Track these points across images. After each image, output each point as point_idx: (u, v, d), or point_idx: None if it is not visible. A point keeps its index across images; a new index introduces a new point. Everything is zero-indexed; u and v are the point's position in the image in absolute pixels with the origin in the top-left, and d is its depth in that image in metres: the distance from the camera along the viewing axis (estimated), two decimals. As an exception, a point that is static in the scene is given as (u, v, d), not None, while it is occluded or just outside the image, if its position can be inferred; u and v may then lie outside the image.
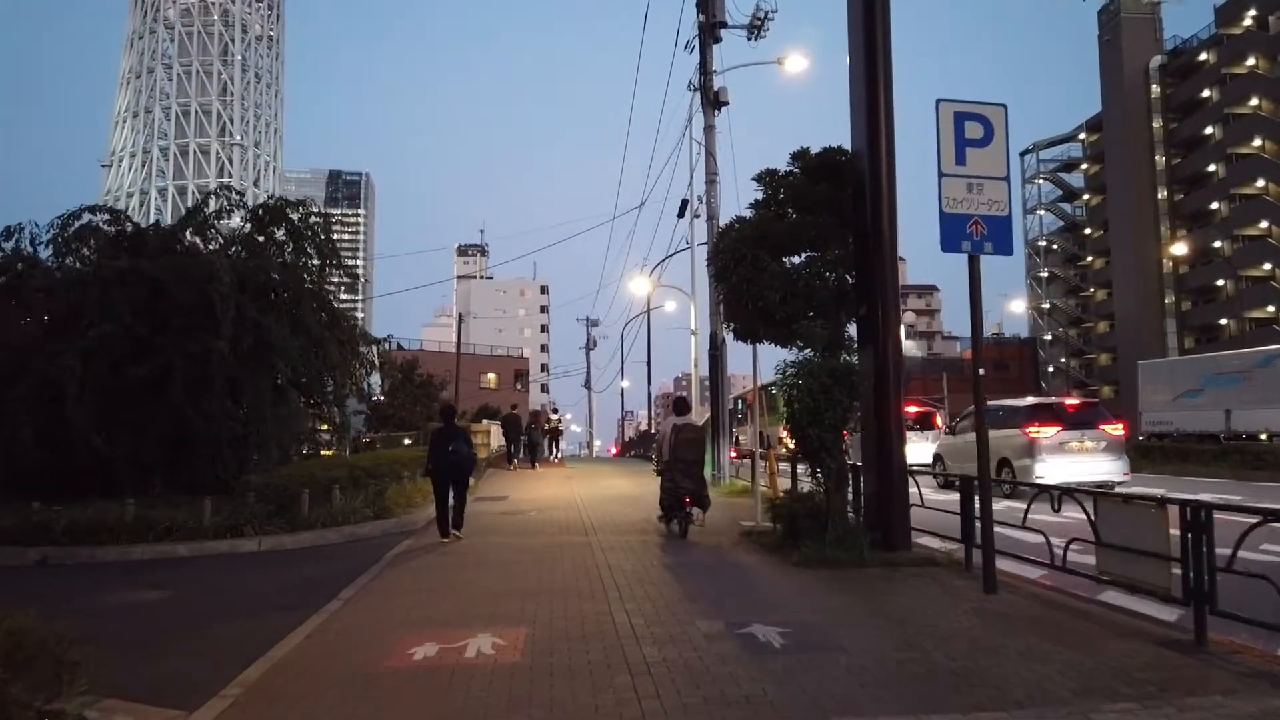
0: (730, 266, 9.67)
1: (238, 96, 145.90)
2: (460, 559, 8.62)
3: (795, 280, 9.60)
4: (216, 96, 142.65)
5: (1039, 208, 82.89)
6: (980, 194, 6.76)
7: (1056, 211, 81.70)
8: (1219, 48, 61.27)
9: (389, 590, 7.09)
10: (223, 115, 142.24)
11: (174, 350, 11.28)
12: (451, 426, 10.28)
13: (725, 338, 17.51)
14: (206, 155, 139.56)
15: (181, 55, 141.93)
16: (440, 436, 9.98)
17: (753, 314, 9.60)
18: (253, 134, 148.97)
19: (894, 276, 8.76)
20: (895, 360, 8.63)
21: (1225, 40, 60.82)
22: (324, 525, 9.83)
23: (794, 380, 8.37)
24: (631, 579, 7.25)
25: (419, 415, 27.46)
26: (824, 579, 7.23)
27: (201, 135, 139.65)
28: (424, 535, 10.44)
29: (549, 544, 9.44)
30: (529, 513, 12.79)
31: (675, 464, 10.30)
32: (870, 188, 8.81)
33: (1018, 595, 6.46)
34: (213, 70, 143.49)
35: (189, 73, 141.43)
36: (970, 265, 6.81)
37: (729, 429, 17.60)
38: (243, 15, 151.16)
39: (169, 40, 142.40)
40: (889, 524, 8.30)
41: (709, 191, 17.86)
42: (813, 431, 8.10)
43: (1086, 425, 14.48)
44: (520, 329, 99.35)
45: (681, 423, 10.79)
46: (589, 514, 12.44)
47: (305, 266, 13.49)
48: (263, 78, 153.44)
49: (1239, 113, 59.17)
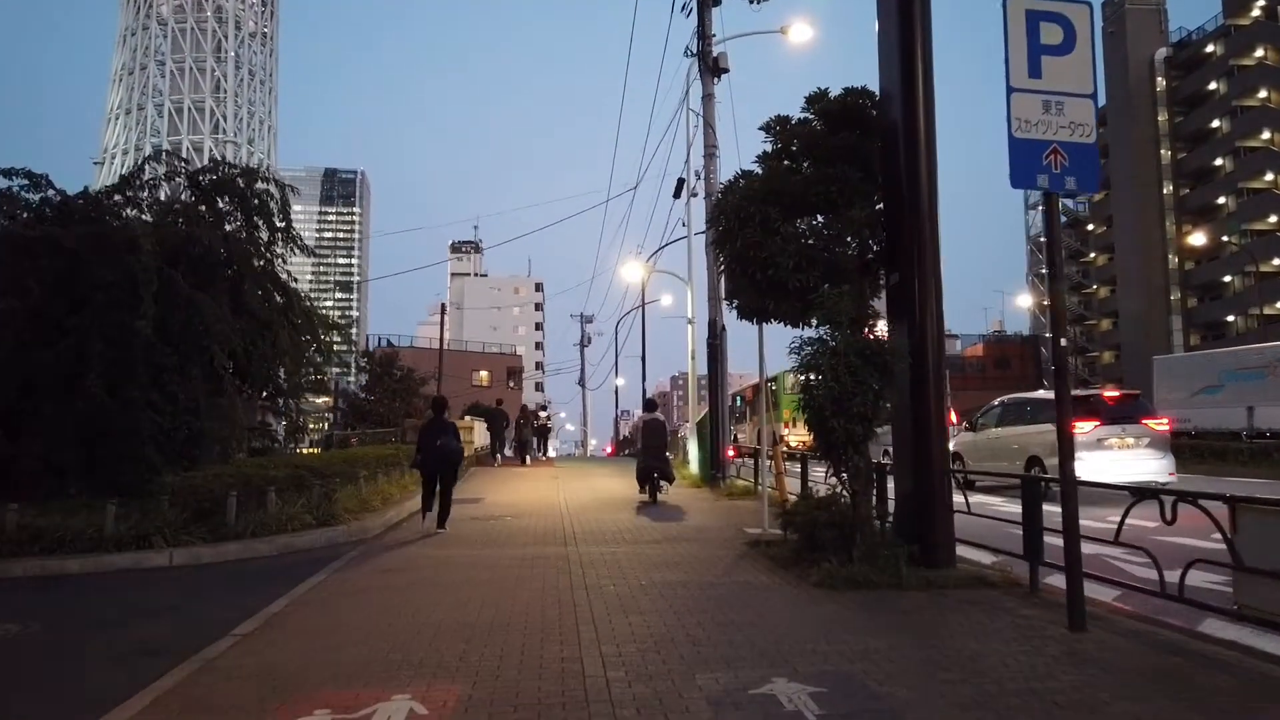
0: (734, 229, 8.16)
1: (231, 93, 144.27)
2: (409, 576, 7.11)
3: (812, 244, 8.10)
4: (210, 93, 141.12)
5: (1040, 203, 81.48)
6: (1060, 115, 5.27)
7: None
8: (1226, 39, 60.03)
9: (303, 623, 5.57)
10: (216, 112, 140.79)
11: (92, 331, 9.74)
12: (441, 420, 10.12)
13: (725, 325, 16.01)
14: (200, 153, 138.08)
15: (174, 51, 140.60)
16: (429, 429, 9.94)
17: (760, 286, 8.09)
18: (246, 131, 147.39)
19: (934, 238, 7.28)
20: (936, 338, 7.15)
21: (1233, 31, 59.58)
22: (254, 534, 8.31)
23: (814, 361, 6.87)
24: (614, 606, 5.75)
25: (398, 411, 25.88)
26: (855, 607, 5.73)
27: (195, 133, 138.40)
28: (376, 545, 8.92)
29: (520, 557, 7.93)
30: (504, 518, 11.28)
31: (645, 449, 13.50)
32: (905, 134, 7.35)
33: (1113, 632, 4.96)
34: (206, 67, 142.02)
35: (182, 69, 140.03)
36: (1047, 206, 5.32)
37: (728, 424, 16.09)
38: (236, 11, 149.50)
39: (162, 36, 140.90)
40: (929, 535, 6.82)
41: (707, 166, 16.36)
42: (837, 422, 6.59)
43: (1128, 419, 13.03)
44: (514, 327, 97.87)
45: (648, 418, 13.99)
46: (572, 520, 10.93)
47: (252, 240, 11.96)
48: (256, 74, 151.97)
49: (1247, 105, 57.91)
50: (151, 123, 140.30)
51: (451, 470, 9.85)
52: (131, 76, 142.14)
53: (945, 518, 6.90)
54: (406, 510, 11.73)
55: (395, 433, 21.63)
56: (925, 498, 6.90)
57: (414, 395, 28.06)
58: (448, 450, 9.71)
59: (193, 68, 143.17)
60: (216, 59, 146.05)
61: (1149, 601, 5.28)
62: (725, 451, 15.51)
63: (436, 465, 9.68)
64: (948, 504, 6.95)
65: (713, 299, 16.15)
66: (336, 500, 9.50)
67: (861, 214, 7.97)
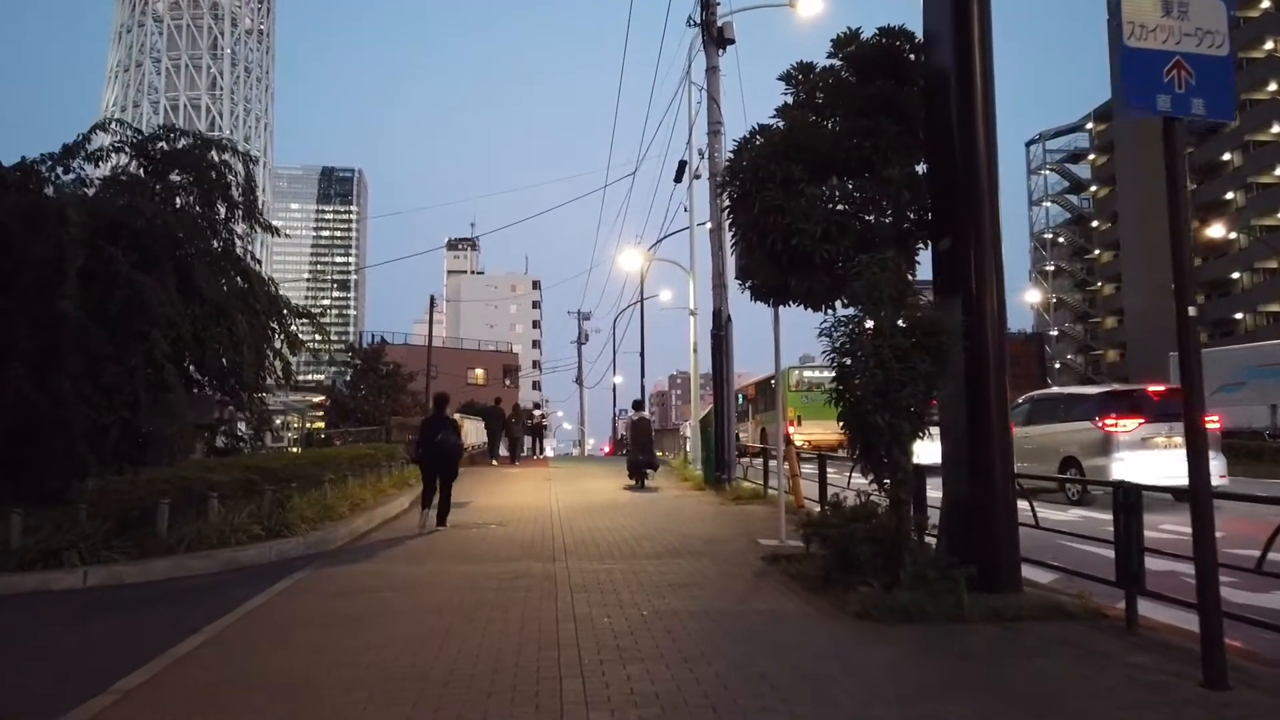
0: (750, 191, 6.96)
1: (227, 91, 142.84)
2: (362, 602, 5.91)
3: (842, 210, 6.92)
4: (205, 90, 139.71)
5: (1045, 200, 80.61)
6: (1184, 19, 4.09)
7: (1063, 204, 79.33)
8: (1235, 30, 58.71)
9: (205, 675, 4.37)
10: (212, 109, 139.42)
11: (17, 314, 8.55)
12: (442, 415, 10.01)
13: (730, 315, 14.82)
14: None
15: (170, 48, 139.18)
16: (428, 425, 9.91)
17: (780, 259, 6.89)
18: (242, 129, 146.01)
19: (993, 198, 6.10)
20: (996, 315, 5.97)
21: (1242, 23, 58.42)
22: (190, 548, 7.11)
23: (853, 344, 5.68)
24: (608, 648, 4.56)
25: (384, 409, 24.59)
26: (916, 650, 4.55)
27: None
28: (335, 560, 7.72)
29: (499, 576, 6.74)
30: (489, 526, 10.09)
31: (634, 444, 16.16)
32: (959, 80, 6.17)
33: (1263, 691, 3.78)
34: (202, 64, 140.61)
35: (178, 66, 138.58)
36: (1166, 135, 4.13)
37: (733, 421, 14.88)
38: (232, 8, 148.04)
39: (158, 34, 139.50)
40: (991, 553, 5.63)
41: (712, 144, 15.15)
42: (880, 417, 5.39)
43: (1175, 417, 11.80)
44: (511, 325, 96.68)
45: (636, 416, 17.45)
46: (563, 528, 9.74)
47: (208, 217, 10.75)
48: (252, 71, 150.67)
49: (1256, 98, 56.82)
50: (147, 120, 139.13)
51: (451, 466, 9.76)
52: (127, 74, 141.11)
53: (1009, 532, 5.71)
54: (379, 517, 10.54)
55: (380, 431, 20.40)
56: (984, 507, 5.71)
57: (401, 392, 26.78)
58: (446, 446, 9.63)
59: (188, 65, 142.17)
60: (212, 56, 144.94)
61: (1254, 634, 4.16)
62: (732, 450, 14.32)
63: (435, 461, 9.61)
64: (1012, 515, 5.76)
65: (717, 287, 14.95)
66: (293, 507, 8.30)
67: (900, 173, 6.78)
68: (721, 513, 11.38)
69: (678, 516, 10.96)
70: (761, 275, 7.45)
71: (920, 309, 5.89)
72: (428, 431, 9.82)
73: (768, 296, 7.96)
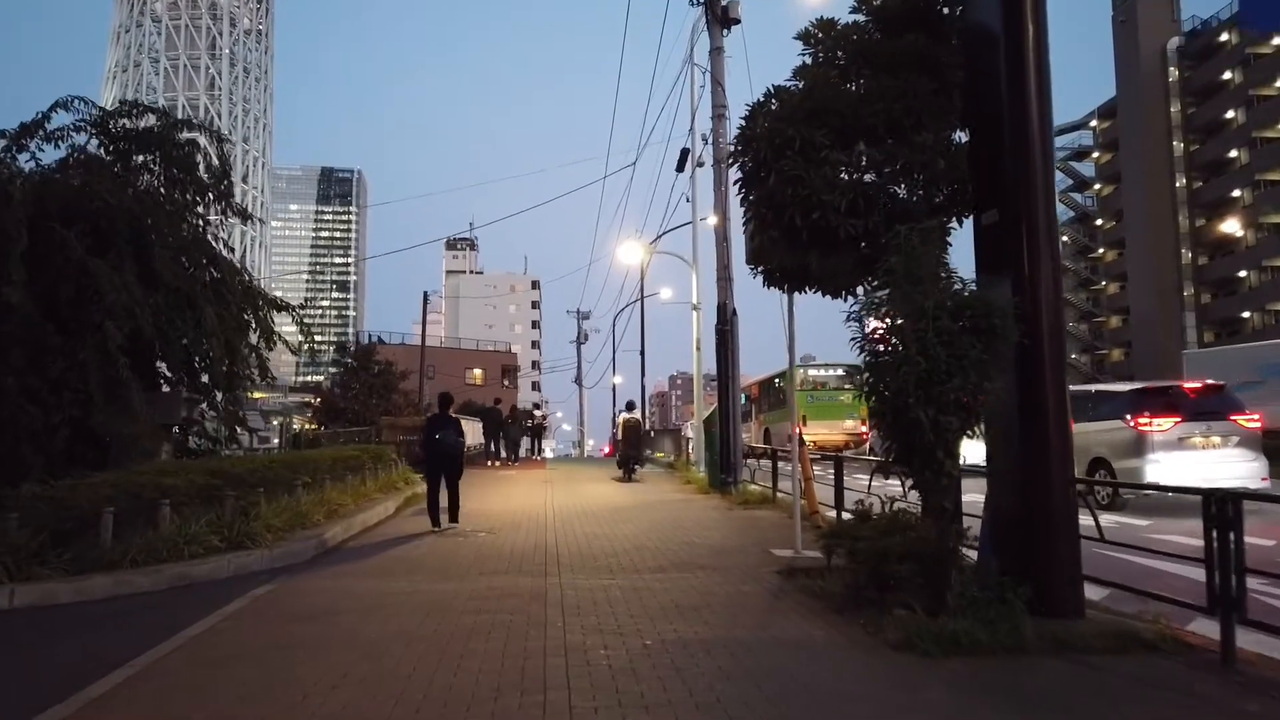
0: (766, 160, 6.18)
1: (225, 91, 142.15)
2: (321, 628, 5.12)
3: (870, 181, 6.16)
4: (204, 91, 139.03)
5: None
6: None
7: (1067, 202, 78.48)
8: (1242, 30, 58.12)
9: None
10: (210, 110, 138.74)
11: (-42, 304, 7.76)
12: (445, 415, 10.00)
13: (736, 309, 14.05)
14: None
15: (169, 49, 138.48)
16: (431, 425, 9.92)
17: (800, 236, 6.13)
18: (241, 129, 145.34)
19: (1047, 166, 5.34)
20: (1052, 296, 5.19)
21: (1250, 19, 57.74)
22: (137, 563, 6.33)
23: (888, 328, 4.90)
24: (605, 692, 3.78)
25: (375, 409, 23.73)
26: (972, 692, 3.77)
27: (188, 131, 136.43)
28: (301, 574, 6.93)
29: (483, 595, 5.95)
30: (478, 534, 9.30)
31: (624, 441, 17.70)
32: (1008, 31, 5.38)
33: None
34: (200, 64, 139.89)
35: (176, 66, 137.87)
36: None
37: (738, 421, 14.06)
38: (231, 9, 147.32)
39: (156, 34, 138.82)
40: (1049, 572, 4.86)
41: (716, 129, 14.37)
42: (924, 413, 4.61)
43: (1213, 415, 11.09)
44: (511, 325, 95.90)
45: (628, 416, 18.46)
46: (559, 536, 8.96)
47: (174, 200, 9.94)
48: (251, 72, 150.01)
49: (1264, 94, 56.07)
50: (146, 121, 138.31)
51: (456, 464, 9.74)
52: (125, 74, 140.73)
53: (1071, 546, 4.93)
54: (359, 524, 9.75)
55: (370, 432, 19.57)
56: (1041, 517, 4.93)
57: (393, 392, 25.92)
58: (448, 445, 9.64)
59: (187, 65, 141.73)
60: (211, 56, 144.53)
61: None
62: (738, 452, 13.52)
63: (439, 461, 9.61)
64: (1073, 526, 4.98)
65: (722, 280, 14.18)
66: (258, 516, 7.51)
67: (934, 139, 6.02)
68: (728, 519, 10.60)
69: (682, 523, 10.17)
70: (777, 257, 6.68)
71: (966, 288, 5.10)
72: (431, 430, 9.73)
73: (783, 281, 7.20)
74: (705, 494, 13.82)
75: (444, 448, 9.60)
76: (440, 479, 9.62)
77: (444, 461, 9.62)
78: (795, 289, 7.29)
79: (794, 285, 7.17)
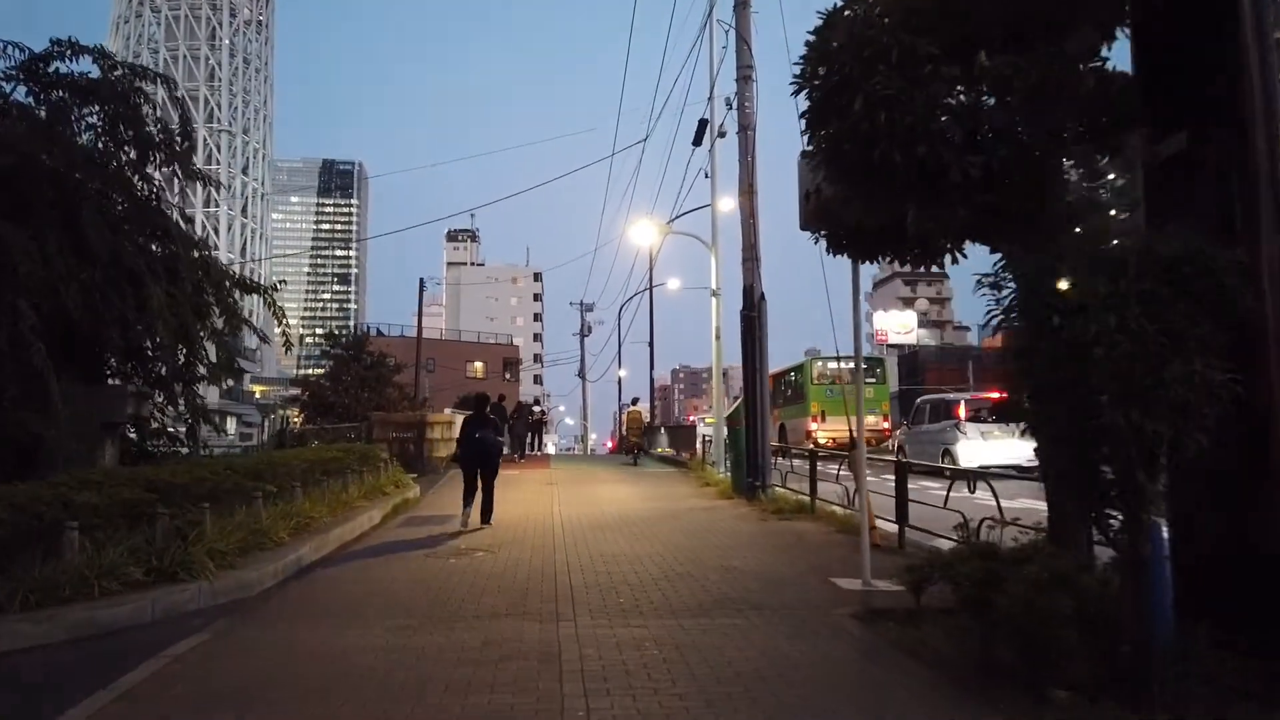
0: (851, 79, 4.65)
1: (225, 82, 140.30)
2: (241, 716, 3.65)
3: (992, 107, 4.65)
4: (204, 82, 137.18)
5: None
6: None
7: (1080, 192, 76.70)
8: None
9: None
10: (210, 101, 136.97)
11: None
12: (482, 415, 10.17)
13: (764, 293, 12.53)
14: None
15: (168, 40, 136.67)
16: (469, 425, 10.11)
17: (894, 177, 4.60)
18: (241, 120, 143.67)
19: (1265, 60, 3.82)
20: (1277, 255, 3.69)
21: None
22: (26, 605, 4.87)
23: (1084, 294, 3.38)
24: None
25: (366, 403, 22.14)
26: None
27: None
28: (247, 618, 5.45)
29: (475, 656, 4.47)
30: (475, 552, 7.85)
31: (629, 431, 22.24)
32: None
33: None
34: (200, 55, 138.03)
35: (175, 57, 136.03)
36: None
37: (767, 417, 12.50)
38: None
39: (155, 24, 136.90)
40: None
41: (741, 92, 12.82)
42: (1125, 415, 3.11)
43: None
44: (512, 318, 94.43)
45: (631, 409, 23.00)
46: (571, 559, 7.48)
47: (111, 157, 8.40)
48: (251, 63, 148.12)
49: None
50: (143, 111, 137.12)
51: (492, 464, 9.91)
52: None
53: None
54: (335, 540, 8.29)
55: (360, 429, 18.04)
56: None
57: (387, 385, 24.33)
58: (488, 444, 9.84)
59: (186, 56, 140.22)
60: (211, 47, 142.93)
61: None
62: (766, 451, 12.02)
63: (476, 461, 9.77)
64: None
65: (748, 261, 12.66)
66: (199, 538, 6.03)
67: (1084, 47, 4.51)
68: (765, 533, 9.12)
69: (713, 538, 8.71)
70: (861, 205, 5.15)
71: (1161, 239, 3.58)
72: (468, 432, 9.99)
73: (858, 246, 5.70)
74: (729, 499, 12.35)
75: (484, 447, 9.76)
76: (477, 478, 9.68)
77: (482, 460, 9.75)
78: (869, 255, 5.81)
79: (870, 250, 5.68)
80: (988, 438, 16.41)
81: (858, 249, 5.74)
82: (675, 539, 8.65)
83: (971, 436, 16.39)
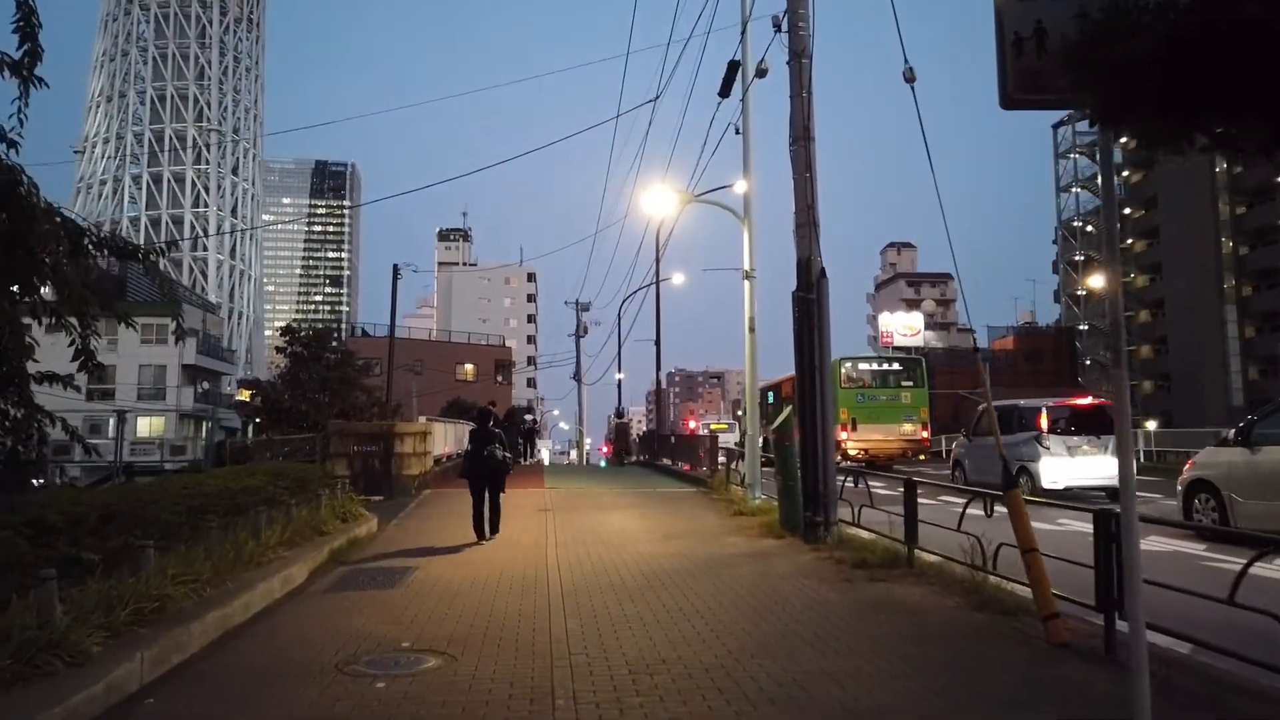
0: None
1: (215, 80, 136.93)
2: None
3: None
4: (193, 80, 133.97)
5: (1074, 186, 75.74)
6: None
7: (1094, 189, 74.36)
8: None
9: None
10: (200, 100, 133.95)
11: None
12: (487, 429, 10.19)
13: (824, 266, 9.60)
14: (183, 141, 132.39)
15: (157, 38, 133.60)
16: (475, 439, 10.20)
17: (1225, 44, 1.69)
18: (231, 120, 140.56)
19: None
20: None
21: None
22: None
23: None
24: None
25: (329, 410, 18.79)
26: None
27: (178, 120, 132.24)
28: None
29: None
30: (421, 659, 4.90)
31: (618, 437, 33.66)
32: None
33: None
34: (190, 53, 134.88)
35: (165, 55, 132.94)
36: None
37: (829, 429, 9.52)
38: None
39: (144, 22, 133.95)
40: None
41: (793, 7, 9.86)
42: None
43: None
44: (505, 318, 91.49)
45: (618, 421, 36.77)
46: (580, 675, 4.53)
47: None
48: (242, 61, 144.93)
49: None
50: (133, 110, 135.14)
51: (499, 480, 9.94)
52: (113, 63, 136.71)
53: None
54: (196, 636, 5.27)
55: (315, 441, 14.92)
56: None
57: (354, 388, 21.10)
58: (495, 462, 9.85)
59: (176, 54, 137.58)
60: (200, 45, 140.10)
61: None
62: (833, 478, 9.05)
63: (484, 476, 9.76)
64: None
65: (803, 226, 9.71)
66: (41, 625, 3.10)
67: None
68: (858, 609, 6.13)
69: (781, 620, 5.75)
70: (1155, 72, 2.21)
71: None
72: (475, 446, 10.04)
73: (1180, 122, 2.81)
74: (780, 539, 9.40)
75: (490, 464, 9.77)
76: (484, 493, 9.66)
77: (487, 475, 9.75)
78: (1189, 125, 2.90)
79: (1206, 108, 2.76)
80: (1075, 453, 13.62)
81: (1170, 109, 2.81)
82: (730, 619, 5.71)
83: (1056, 451, 13.58)
